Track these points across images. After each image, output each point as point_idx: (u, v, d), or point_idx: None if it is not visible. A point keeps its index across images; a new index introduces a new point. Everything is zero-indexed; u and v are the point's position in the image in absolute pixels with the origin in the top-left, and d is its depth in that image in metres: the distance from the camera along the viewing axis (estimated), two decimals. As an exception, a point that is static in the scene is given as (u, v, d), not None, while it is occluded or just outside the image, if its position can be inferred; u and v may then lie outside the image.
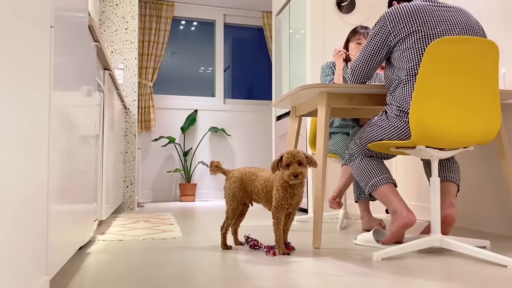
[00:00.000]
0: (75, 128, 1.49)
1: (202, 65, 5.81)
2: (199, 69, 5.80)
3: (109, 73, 2.60)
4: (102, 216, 2.51)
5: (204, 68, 5.80)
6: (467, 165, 2.84)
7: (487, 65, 1.80)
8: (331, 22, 3.64)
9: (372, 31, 2.04)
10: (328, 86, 2.14)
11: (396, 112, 1.89)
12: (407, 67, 1.88)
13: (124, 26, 4.16)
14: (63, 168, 1.29)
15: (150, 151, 5.34)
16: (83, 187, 1.69)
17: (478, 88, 1.79)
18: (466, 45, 1.76)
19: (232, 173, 2.09)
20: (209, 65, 5.81)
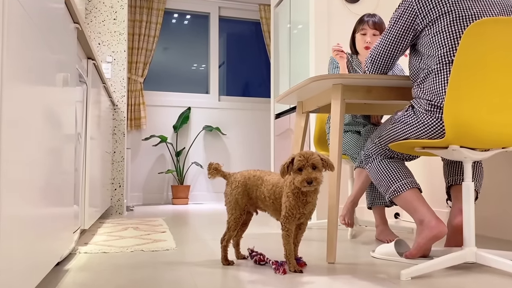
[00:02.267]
0: (47, 122, 1.21)
1: (195, 61, 5.52)
2: (192, 65, 5.51)
3: (93, 63, 2.31)
4: (84, 224, 2.22)
5: (198, 64, 5.51)
6: (493, 167, 2.59)
7: (534, 51, 1.54)
8: (336, 13, 3.38)
9: (395, 13, 1.78)
10: (344, 77, 1.87)
11: (426, 107, 1.63)
12: (439, 54, 1.61)
13: (113, 16, 3.86)
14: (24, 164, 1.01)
15: (140, 150, 5.04)
16: (58, 189, 1.41)
17: (524, 78, 1.53)
18: (511, 27, 1.50)
19: (234, 177, 1.81)
20: (203, 60, 5.52)
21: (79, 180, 2.12)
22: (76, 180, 2.03)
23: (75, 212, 1.95)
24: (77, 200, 2.03)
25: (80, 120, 2.07)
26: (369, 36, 2.53)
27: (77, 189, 2.08)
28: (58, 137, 1.39)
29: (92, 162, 2.35)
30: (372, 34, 2.53)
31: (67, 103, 1.55)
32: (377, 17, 2.56)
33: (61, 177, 1.47)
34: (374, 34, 2.53)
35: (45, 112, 1.20)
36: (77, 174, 2.06)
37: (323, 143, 2.95)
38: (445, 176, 2.00)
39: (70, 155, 1.67)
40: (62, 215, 1.52)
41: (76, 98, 1.88)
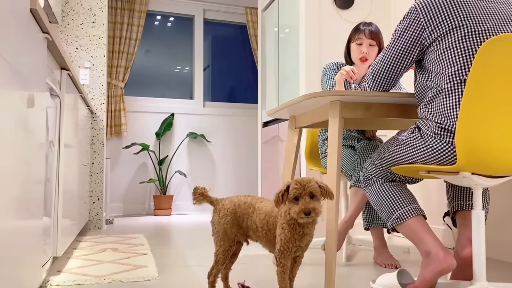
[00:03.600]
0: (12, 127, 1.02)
1: (179, 63, 5.32)
2: (175, 67, 5.30)
3: (68, 74, 2.11)
4: (57, 251, 2.02)
5: (181, 67, 5.31)
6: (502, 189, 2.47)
7: (552, 71, 1.41)
8: (327, 19, 3.23)
9: (399, 25, 1.63)
10: (342, 94, 1.72)
11: (435, 130, 1.48)
12: (449, 73, 1.47)
13: (91, 19, 3.64)
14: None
15: (120, 159, 4.82)
16: (26, 203, 1.22)
17: (542, 100, 1.40)
18: (530, 44, 1.37)
19: (222, 204, 1.64)
20: (186, 64, 5.32)
21: (51, 192, 1.92)
22: (48, 192, 1.83)
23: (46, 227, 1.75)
24: (48, 213, 1.83)
25: (52, 128, 1.87)
26: (365, 46, 2.39)
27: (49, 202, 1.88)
28: (26, 144, 1.20)
29: (66, 172, 2.15)
30: (368, 44, 2.38)
31: (35, 118, 1.36)
32: (374, 26, 2.42)
33: (29, 188, 1.28)
34: (370, 44, 2.39)
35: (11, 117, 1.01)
36: (50, 185, 1.86)
37: (314, 157, 2.80)
38: (449, 199, 1.86)
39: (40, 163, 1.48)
40: (30, 241, 1.32)
41: (47, 105, 1.68)
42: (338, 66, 2.55)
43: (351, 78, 2.20)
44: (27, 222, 1.31)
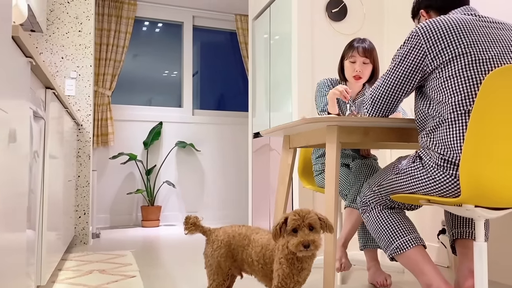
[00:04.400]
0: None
1: (167, 67, 5.22)
2: (163, 75, 5.20)
3: (53, 92, 2.02)
4: (41, 278, 1.92)
5: (169, 72, 5.21)
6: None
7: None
8: (319, 31, 3.18)
9: (400, 50, 1.58)
10: (340, 120, 1.66)
11: (437, 161, 1.43)
12: (453, 102, 1.42)
13: (78, 28, 3.53)
14: None
15: (107, 169, 4.71)
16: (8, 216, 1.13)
17: (548, 132, 1.36)
18: (535, 75, 1.33)
19: (215, 235, 1.57)
20: (175, 67, 5.23)
21: (35, 203, 1.82)
22: (32, 203, 1.73)
23: (30, 242, 1.66)
24: (32, 225, 1.74)
25: (37, 139, 1.78)
26: (359, 64, 2.34)
27: (33, 214, 1.78)
28: (8, 154, 1.11)
29: (51, 185, 2.06)
30: (362, 62, 2.33)
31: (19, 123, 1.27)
32: (367, 43, 2.37)
33: (12, 199, 1.20)
34: (364, 62, 2.34)
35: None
36: (34, 197, 1.77)
37: (308, 174, 2.75)
38: (448, 226, 1.82)
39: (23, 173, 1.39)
40: (12, 259, 1.24)
41: (30, 114, 1.60)
42: (332, 82, 2.50)
43: (345, 98, 2.15)
44: (9, 236, 1.22)
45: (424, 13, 1.72)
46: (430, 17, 1.71)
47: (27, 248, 1.56)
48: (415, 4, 1.77)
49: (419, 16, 1.74)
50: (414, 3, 1.78)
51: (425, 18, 1.72)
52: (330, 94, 2.20)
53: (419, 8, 1.74)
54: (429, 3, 1.71)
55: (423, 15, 1.73)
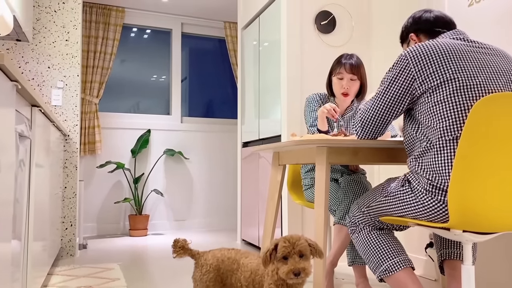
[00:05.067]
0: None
1: (155, 79, 5.18)
2: (151, 80, 5.16)
3: (39, 110, 1.99)
4: (26, 299, 1.89)
5: (158, 76, 5.17)
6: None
7: (544, 128, 1.39)
8: (309, 42, 3.18)
9: (389, 73, 1.59)
10: (329, 143, 1.66)
11: (426, 186, 1.44)
12: (441, 127, 1.43)
13: (64, 37, 3.49)
14: None
15: (94, 177, 4.66)
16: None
17: (534, 159, 1.38)
18: (522, 103, 1.34)
19: (204, 259, 1.56)
20: (163, 72, 5.19)
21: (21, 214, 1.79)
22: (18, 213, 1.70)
23: (15, 254, 1.62)
24: (18, 236, 1.71)
25: (23, 154, 1.75)
26: (346, 80, 2.35)
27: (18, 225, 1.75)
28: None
29: (37, 195, 2.02)
30: (349, 78, 2.35)
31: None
32: (354, 59, 2.38)
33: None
34: (351, 79, 2.35)
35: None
36: (19, 206, 1.73)
37: (297, 188, 2.75)
38: (437, 245, 1.83)
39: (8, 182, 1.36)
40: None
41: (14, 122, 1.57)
42: (321, 97, 2.51)
43: (333, 116, 2.16)
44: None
45: (414, 36, 1.74)
46: (420, 40, 1.72)
47: (12, 261, 1.53)
48: (404, 29, 1.78)
49: (409, 40, 1.75)
50: (403, 28, 1.79)
51: (414, 41, 1.73)
52: (320, 112, 2.22)
53: (409, 32, 1.75)
54: (418, 27, 1.72)
55: (413, 38, 1.74)
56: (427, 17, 1.72)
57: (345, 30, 3.28)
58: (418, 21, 1.73)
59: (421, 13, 1.75)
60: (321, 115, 2.24)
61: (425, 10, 1.76)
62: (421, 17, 1.73)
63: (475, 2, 2.49)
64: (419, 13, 1.76)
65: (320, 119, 2.27)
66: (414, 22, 1.75)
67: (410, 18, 1.78)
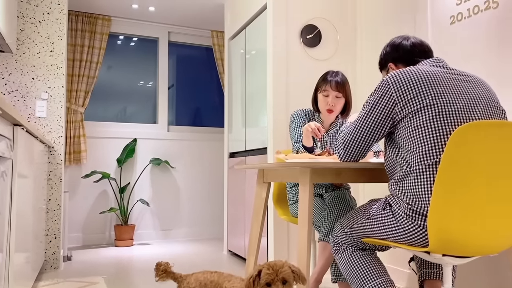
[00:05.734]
0: None
1: (142, 85, 5.16)
2: (138, 86, 5.13)
3: (22, 128, 1.97)
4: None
5: (145, 82, 5.15)
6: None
7: (520, 155, 1.42)
8: (295, 56, 3.21)
9: (370, 98, 1.61)
10: (313, 166, 1.68)
11: (406, 211, 1.46)
12: (421, 152, 1.45)
13: (49, 48, 3.46)
14: None
15: (80, 187, 4.62)
16: None
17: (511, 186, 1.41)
18: (500, 130, 1.37)
19: (187, 282, 1.56)
20: (150, 84, 5.18)
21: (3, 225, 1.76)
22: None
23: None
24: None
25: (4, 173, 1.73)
26: (332, 98, 2.38)
27: None
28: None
29: (19, 208, 2.00)
30: (334, 96, 2.38)
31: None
32: (340, 76, 2.41)
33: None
34: (337, 96, 2.38)
35: None
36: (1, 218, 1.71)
37: (282, 202, 2.76)
38: (417, 266, 1.86)
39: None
40: None
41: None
42: (306, 113, 2.53)
43: (317, 136, 2.19)
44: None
45: (393, 65, 1.76)
46: (398, 69, 1.74)
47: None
48: (383, 57, 1.81)
49: (388, 69, 1.78)
50: (381, 56, 1.82)
51: (393, 70, 1.76)
52: (304, 130, 2.25)
53: (387, 60, 1.78)
54: (397, 56, 1.75)
55: (392, 67, 1.76)
56: (404, 45, 1.74)
57: (330, 44, 3.31)
58: (396, 50, 1.76)
59: (399, 41, 1.77)
60: (306, 133, 2.26)
61: (403, 37, 1.77)
62: (399, 46, 1.75)
63: (456, 20, 2.53)
64: (397, 40, 1.78)
65: (305, 136, 2.29)
66: (392, 50, 1.78)
67: (388, 46, 1.80)
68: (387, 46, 1.80)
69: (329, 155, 2.03)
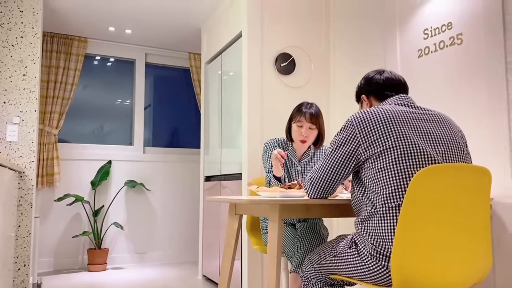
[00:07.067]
0: None
1: (119, 104, 5.13)
2: (114, 110, 5.09)
3: (-12, 161, 1.94)
4: None
5: (121, 101, 5.12)
6: None
7: (479, 196, 1.48)
8: (269, 83, 3.25)
9: (336, 137, 1.65)
10: (283, 202, 1.70)
11: (371, 251, 1.49)
12: (384, 194, 1.49)
13: (22, 72, 3.43)
14: None
15: (52, 211, 4.53)
16: None
17: (471, 225, 1.46)
18: (459, 173, 1.43)
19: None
20: (128, 103, 5.15)
21: None
22: None
23: None
24: None
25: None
26: (305, 128, 2.43)
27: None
28: None
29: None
30: (308, 127, 2.43)
31: None
32: (314, 108, 2.46)
33: None
34: (310, 128, 2.43)
35: None
36: None
37: (256, 230, 2.77)
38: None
39: None
40: None
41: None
42: (279, 143, 2.56)
43: (280, 161, 2.28)
44: None
45: (365, 98, 1.81)
46: (370, 102, 1.80)
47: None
48: (357, 89, 1.86)
49: (361, 101, 1.83)
50: (356, 88, 1.88)
51: (366, 102, 1.81)
52: (272, 160, 2.32)
53: (361, 93, 1.83)
54: (369, 89, 1.80)
55: (364, 99, 1.82)
56: (377, 79, 1.79)
57: (304, 72, 3.37)
58: (369, 83, 1.81)
59: (373, 74, 1.82)
60: (274, 162, 2.33)
61: (377, 71, 1.83)
62: (372, 79, 1.81)
63: (424, 54, 2.62)
64: (371, 73, 1.84)
65: (274, 166, 2.35)
66: (366, 83, 1.83)
67: (363, 79, 1.86)
68: (362, 79, 1.86)
69: (300, 188, 2.06)
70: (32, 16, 3.48)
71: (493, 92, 2.18)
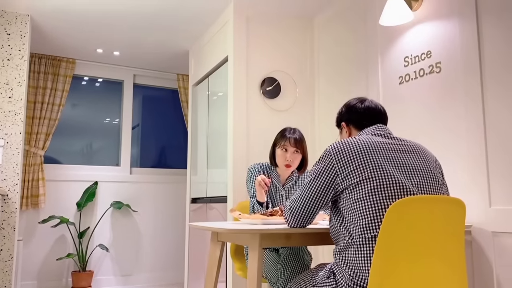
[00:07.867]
0: None
1: (107, 123, 5.12)
2: (101, 129, 5.09)
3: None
4: None
5: (110, 120, 5.12)
6: None
7: (454, 227, 1.51)
8: (255, 106, 3.29)
9: (315, 167, 1.67)
10: (262, 232, 1.71)
11: (348, 282, 1.51)
12: (361, 225, 1.51)
13: (8, 94, 3.43)
14: None
15: (36, 232, 4.47)
16: None
17: (446, 256, 1.49)
18: (434, 205, 1.46)
19: None
20: (116, 122, 5.15)
21: None
22: None
23: None
24: None
25: None
26: (290, 153, 2.46)
27: None
28: None
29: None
30: (293, 151, 2.46)
31: None
32: (297, 133, 2.50)
33: None
34: (295, 152, 2.47)
35: None
36: None
37: (240, 254, 2.77)
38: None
39: None
40: None
41: None
42: (263, 167, 2.59)
43: (264, 188, 2.30)
44: None
45: (345, 125, 1.85)
46: (349, 130, 1.84)
47: None
48: (338, 115, 1.90)
49: (342, 127, 1.87)
50: (337, 114, 1.91)
51: (345, 130, 1.85)
52: (255, 185, 2.35)
53: (341, 120, 1.87)
54: (349, 117, 1.84)
55: (344, 127, 1.85)
56: (358, 108, 1.83)
57: (289, 96, 3.42)
58: (350, 111, 1.85)
59: (354, 103, 1.86)
60: (257, 188, 2.35)
61: (359, 99, 1.86)
62: (353, 108, 1.84)
63: (404, 81, 2.68)
64: (353, 101, 1.87)
65: (257, 191, 2.37)
66: (347, 111, 1.87)
67: (344, 106, 1.89)
68: (344, 106, 1.89)
69: (282, 214, 2.07)
70: (19, 39, 3.50)
71: (471, 118, 2.23)
